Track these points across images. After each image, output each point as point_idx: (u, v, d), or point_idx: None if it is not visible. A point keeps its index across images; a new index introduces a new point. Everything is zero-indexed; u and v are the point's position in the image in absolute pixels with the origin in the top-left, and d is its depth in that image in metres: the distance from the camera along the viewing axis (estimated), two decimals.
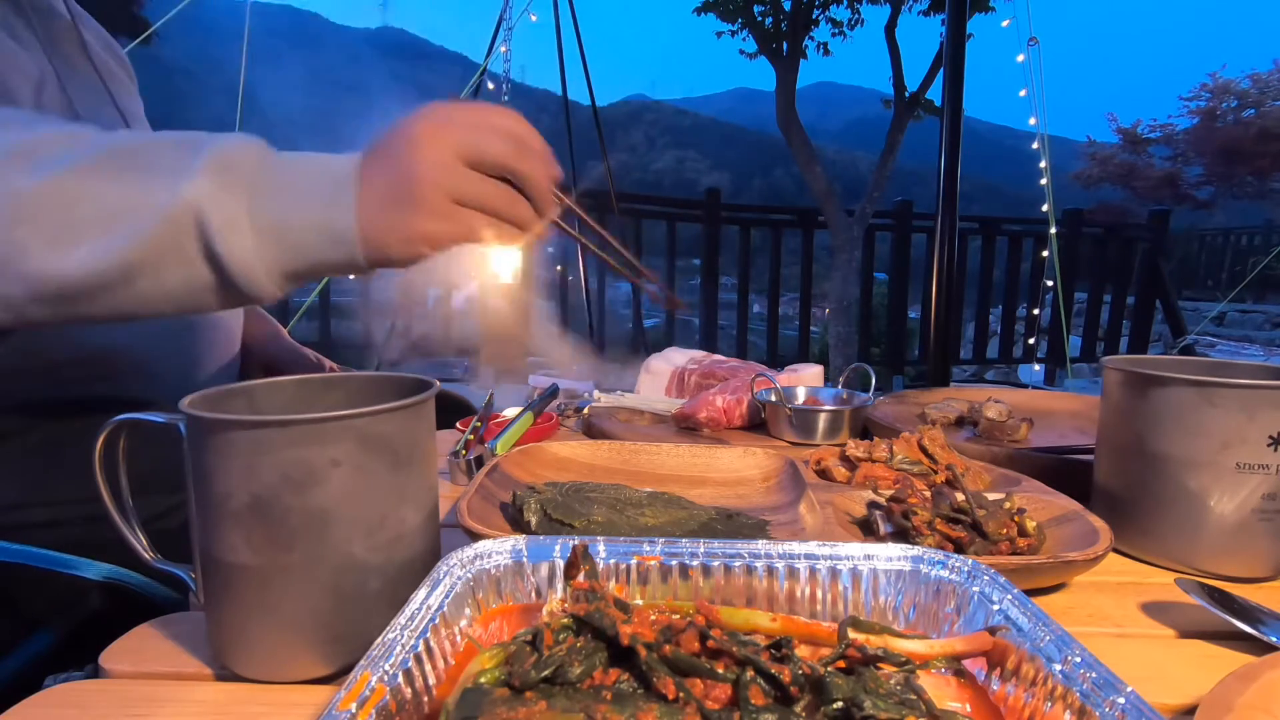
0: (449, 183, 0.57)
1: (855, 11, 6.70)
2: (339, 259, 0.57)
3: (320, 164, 0.58)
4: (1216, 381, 0.59)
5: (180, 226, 0.53)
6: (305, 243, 0.56)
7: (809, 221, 5.50)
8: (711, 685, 0.34)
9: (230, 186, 0.54)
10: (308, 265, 0.57)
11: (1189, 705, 0.43)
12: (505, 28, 3.46)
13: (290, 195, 0.56)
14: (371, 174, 0.57)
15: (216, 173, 0.54)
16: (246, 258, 0.54)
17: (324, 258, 0.57)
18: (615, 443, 0.83)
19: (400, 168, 0.56)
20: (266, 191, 0.55)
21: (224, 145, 0.55)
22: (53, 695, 0.42)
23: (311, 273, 0.58)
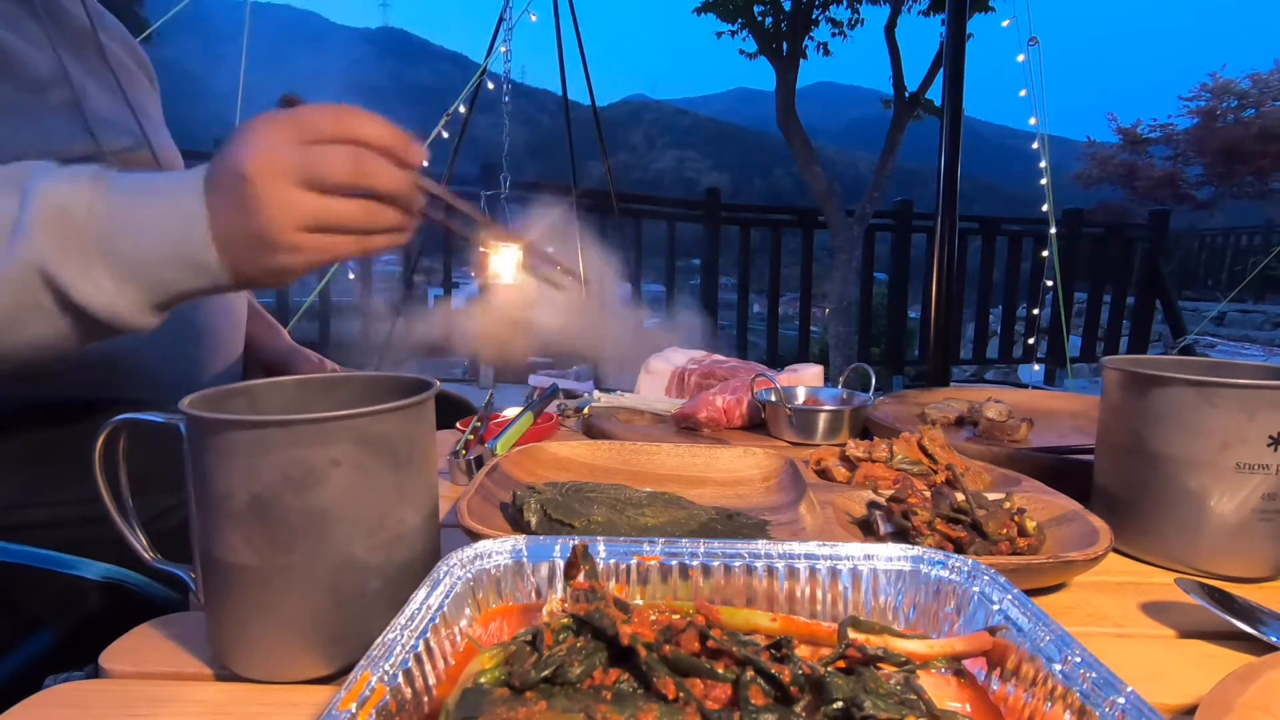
0: (293, 215, 0.55)
1: (855, 11, 6.70)
2: (205, 286, 0.57)
3: (164, 197, 0.56)
4: (1216, 381, 0.58)
5: (27, 287, 0.52)
6: (167, 277, 0.55)
7: (809, 221, 5.51)
8: (711, 685, 0.34)
9: (71, 235, 0.53)
10: (174, 295, 0.57)
11: (1189, 705, 0.43)
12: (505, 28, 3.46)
13: (141, 233, 0.54)
14: (218, 204, 0.55)
15: (51, 225, 0.52)
16: (108, 301, 0.54)
17: (189, 287, 0.56)
18: (615, 443, 0.83)
19: (242, 208, 0.54)
20: (113, 233, 0.54)
21: (52, 192, 0.53)
22: (53, 695, 0.42)
23: (180, 300, 0.57)
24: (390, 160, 0.57)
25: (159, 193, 0.56)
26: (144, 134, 0.83)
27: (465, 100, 3.54)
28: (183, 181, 0.56)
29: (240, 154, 0.54)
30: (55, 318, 0.54)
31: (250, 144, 0.54)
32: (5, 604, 0.65)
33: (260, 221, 0.54)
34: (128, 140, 0.80)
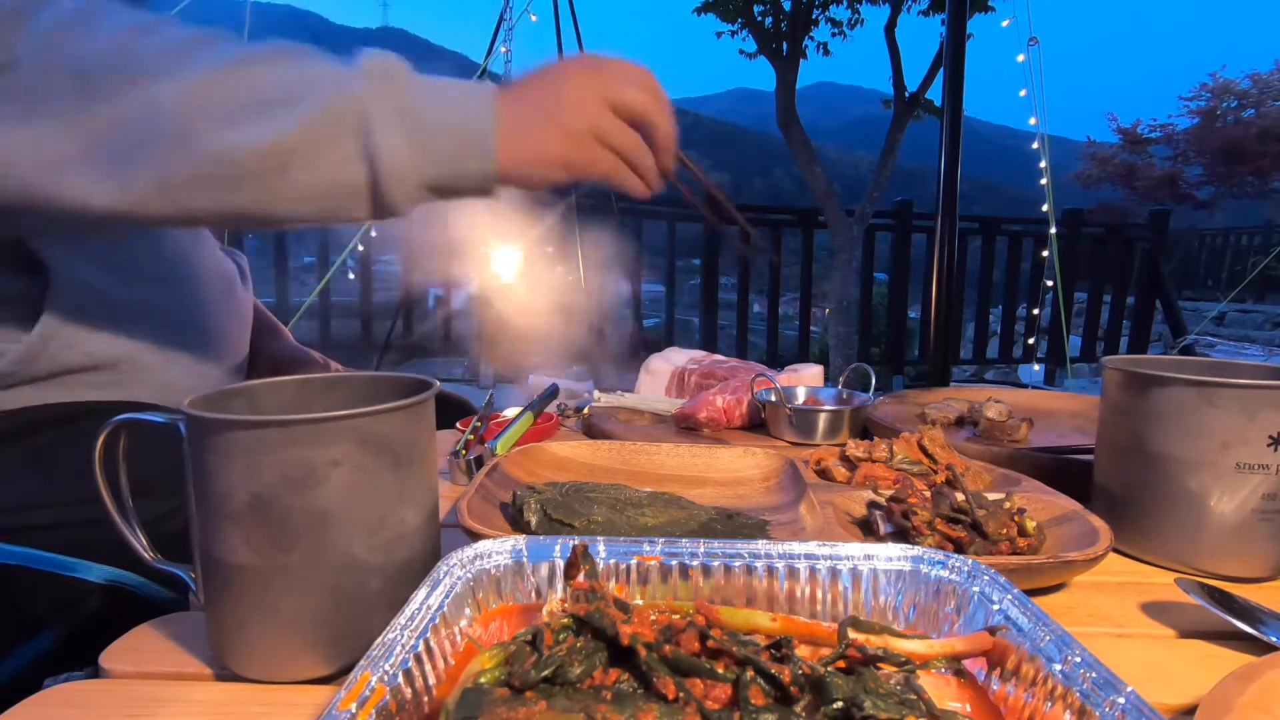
0: (593, 118, 0.63)
1: (855, 11, 6.69)
2: (476, 171, 0.61)
3: (462, 84, 0.62)
4: (1216, 381, 0.59)
5: (343, 117, 0.56)
6: (448, 151, 0.59)
7: (809, 221, 5.50)
8: (711, 685, 0.34)
9: (388, 87, 0.57)
10: (448, 175, 0.60)
11: (1189, 705, 0.43)
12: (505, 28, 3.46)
13: (437, 104, 0.59)
14: (519, 99, 0.62)
15: (376, 73, 0.57)
16: (398, 157, 0.57)
17: (463, 168, 0.60)
18: (615, 443, 0.83)
19: (548, 97, 0.63)
20: (416, 98, 0.58)
21: (378, 53, 0.59)
22: (53, 695, 0.42)
23: (449, 184, 0.61)
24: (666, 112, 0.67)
25: (456, 81, 0.62)
26: None
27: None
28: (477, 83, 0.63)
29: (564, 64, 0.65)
30: (347, 159, 0.57)
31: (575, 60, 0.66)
32: (6, 606, 0.65)
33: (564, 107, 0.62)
34: None
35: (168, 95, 0.53)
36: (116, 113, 0.53)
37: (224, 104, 0.54)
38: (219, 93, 0.54)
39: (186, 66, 0.54)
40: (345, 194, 0.58)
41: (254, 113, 0.54)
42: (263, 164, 0.54)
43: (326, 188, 0.57)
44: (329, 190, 0.57)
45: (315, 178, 0.56)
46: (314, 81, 0.56)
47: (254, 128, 0.54)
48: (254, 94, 0.55)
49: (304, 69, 0.57)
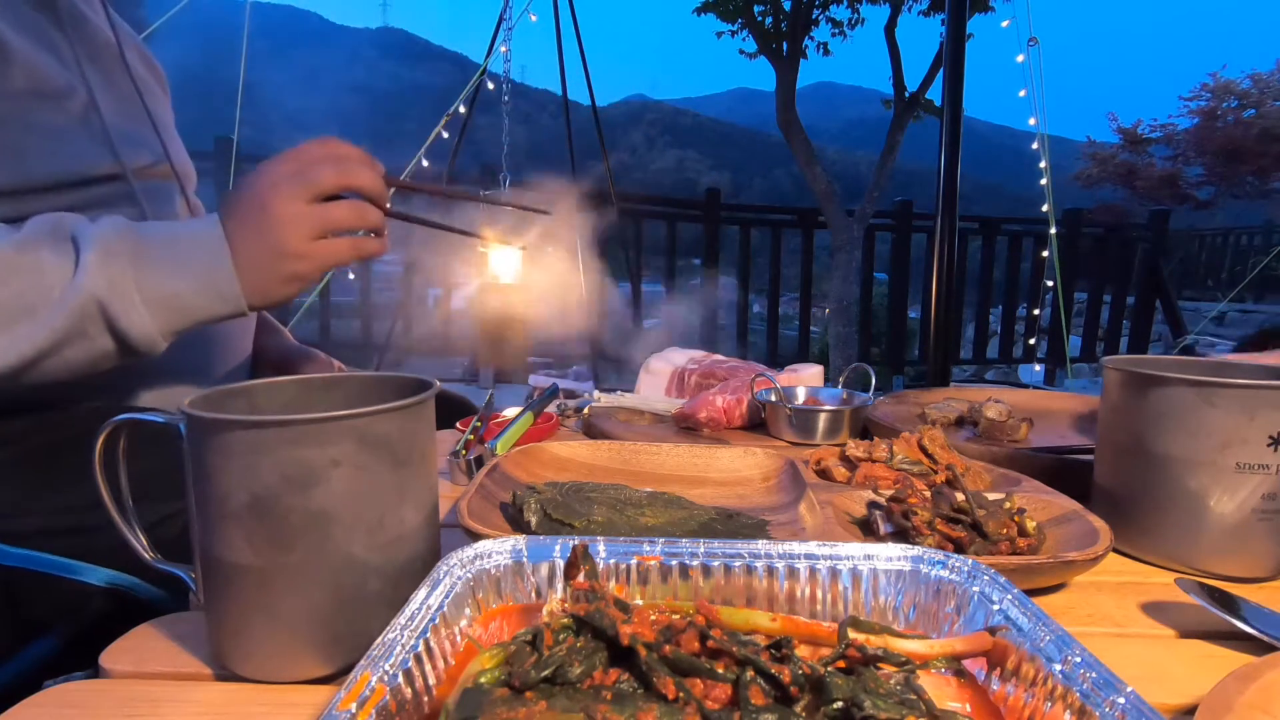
0: (303, 226, 0.65)
1: (855, 11, 6.70)
2: (225, 312, 0.66)
3: (189, 236, 0.66)
4: (1216, 381, 0.58)
5: (85, 315, 0.61)
6: (194, 306, 0.65)
7: (809, 221, 5.50)
8: (711, 685, 0.34)
9: (118, 271, 0.61)
10: (195, 322, 0.66)
11: (1189, 705, 0.43)
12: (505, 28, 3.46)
13: (173, 269, 0.64)
14: (238, 235, 0.65)
15: (103, 262, 0.61)
16: (144, 329, 0.63)
17: (211, 314, 0.66)
18: (615, 443, 0.83)
19: (260, 228, 0.65)
20: (149, 269, 0.63)
21: (100, 234, 0.62)
22: (53, 695, 0.42)
23: (197, 327, 0.66)
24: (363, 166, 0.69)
25: (185, 237, 0.66)
26: (164, 148, 0.83)
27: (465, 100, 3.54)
28: (203, 225, 0.66)
29: (253, 185, 0.66)
30: (95, 343, 0.63)
31: (259, 176, 0.66)
32: (9, 609, 0.65)
33: (276, 235, 0.65)
34: (149, 157, 0.81)
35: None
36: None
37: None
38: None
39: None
40: (98, 362, 0.64)
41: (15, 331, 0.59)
42: (17, 369, 0.60)
43: (81, 364, 0.63)
44: (84, 364, 0.63)
45: (67, 363, 0.62)
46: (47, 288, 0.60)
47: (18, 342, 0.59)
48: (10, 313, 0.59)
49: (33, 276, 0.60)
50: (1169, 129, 13.10)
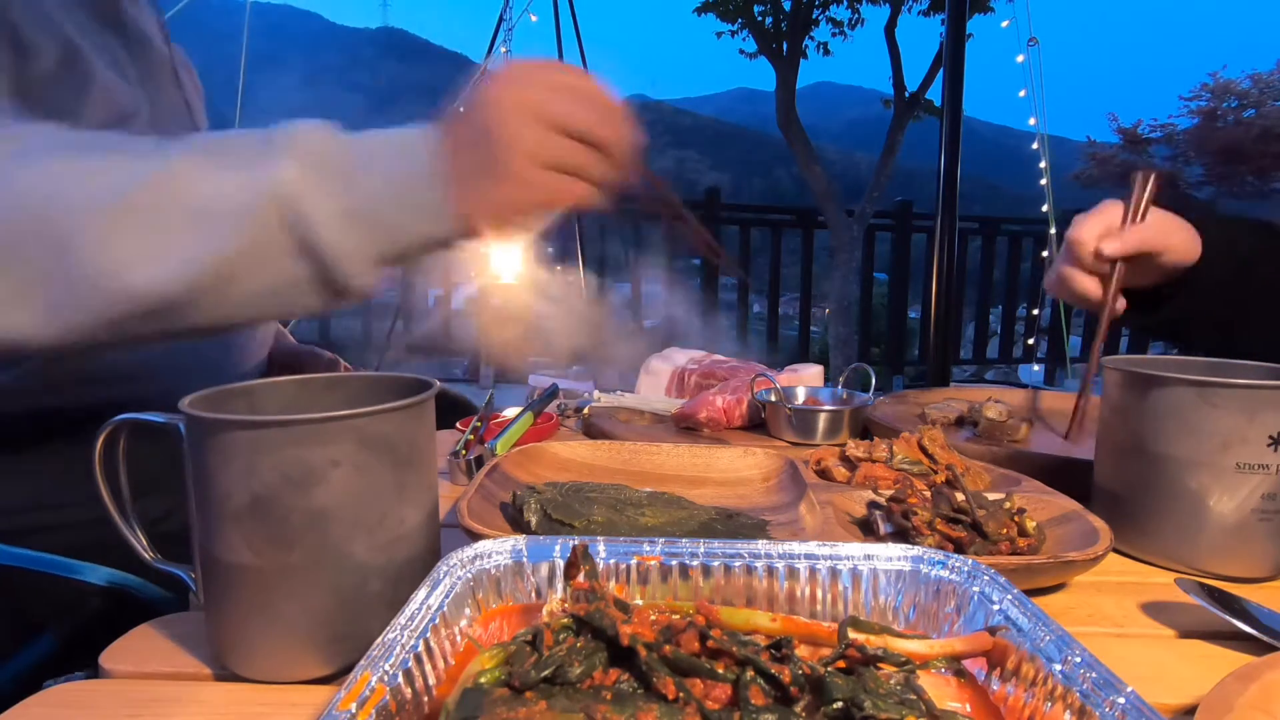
0: (535, 149, 0.57)
1: (855, 11, 6.70)
2: (431, 235, 0.56)
3: (400, 140, 0.56)
4: (1216, 381, 0.58)
5: (272, 219, 0.52)
6: (398, 221, 0.55)
7: (809, 221, 5.51)
8: (711, 685, 0.34)
9: (316, 172, 0.53)
10: (401, 245, 0.56)
11: (1189, 705, 0.43)
12: (505, 28, 3.46)
13: (376, 175, 0.54)
14: (456, 144, 0.56)
15: (300, 159, 0.53)
16: (342, 244, 0.53)
17: (417, 235, 0.56)
18: (615, 443, 0.83)
19: (486, 137, 0.56)
20: (352, 174, 0.54)
21: (302, 131, 0.54)
22: (53, 695, 0.42)
23: (405, 253, 0.57)
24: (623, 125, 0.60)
25: (393, 137, 0.57)
26: None
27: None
28: (411, 130, 0.57)
29: (493, 88, 0.57)
30: (288, 259, 0.53)
31: (504, 80, 0.57)
32: (10, 608, 0.65)
33: (503, 147, 0.56)
34: None
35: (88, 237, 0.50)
36: (43, 259, 0.51)
37: (147, 237, 0.51)
38: (139, 224, 0.51)
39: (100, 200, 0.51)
40: (292, 292, 0.55)
41: (179, 241, 0.51)
42: (198, 289, 0.52)
43: (271, 291, 0.54)
44: (274, 292, 0.55)
45: (257, 285, 0.54)
46: (234, 184, 0.52)
47: (181, 256, 0.51)
48: (176, 218, 0.51)
49: (220, 171, 0.53)
50: (1169, 129, 13.09)
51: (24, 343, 0.53)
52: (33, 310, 0.52)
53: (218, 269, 0.52)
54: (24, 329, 0.52)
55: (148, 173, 0.52)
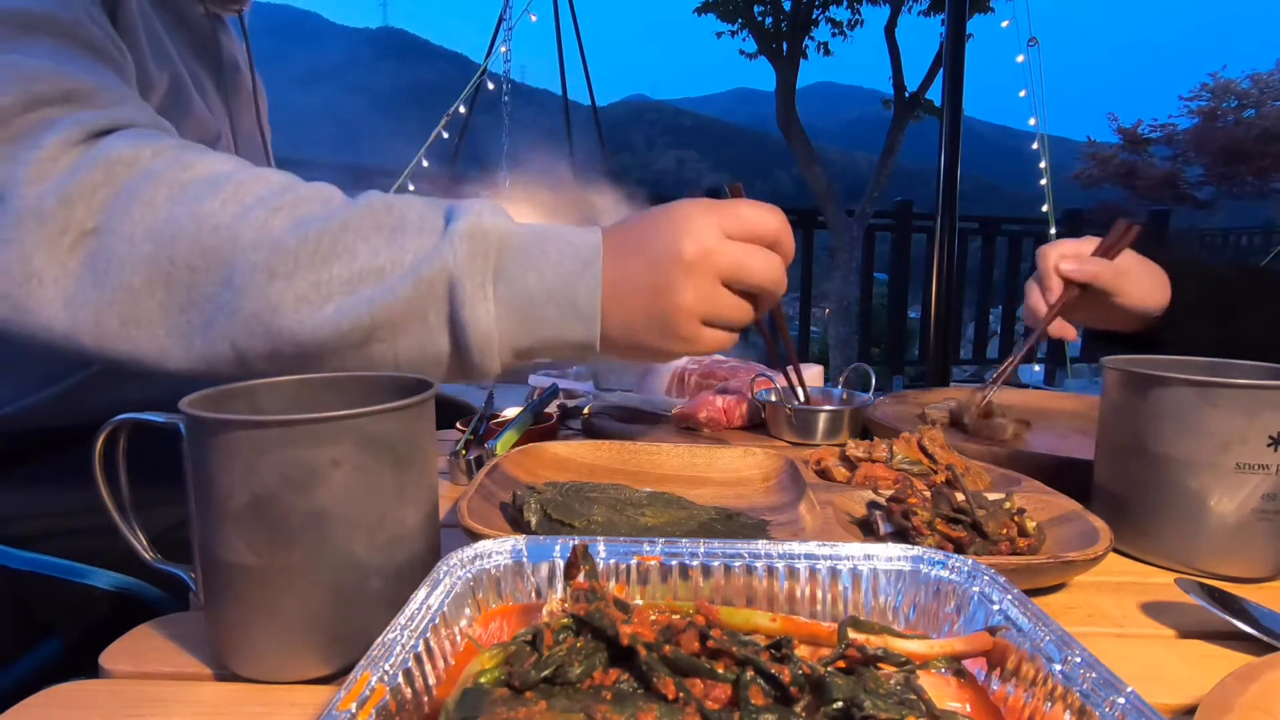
0: (698, 306, 0.56)
1: (855, 11, 6.71)
2: (574, 338, 0.56)
3: (564, 237, 0.56)
4: (1216, 381, 0.59)
5: (431, 291, 0.53)
6: (544, 316, 0.55)
7: (809, 221, 5.50)
8: (711, 685, 0.34)
9: (480, 254, 0.53)
10: (541, 341, 0.56)
11: (1189, 705, 0.43)
12: (505, 28, 3.46)
13: (536, 266, 0.54)
14: (623, 268, 0.55)
15: (470, 239, 0.53)
16: (487, 328, 0.54)
17: (559, 334, 0.55)
18: (615, 443, 0.83)
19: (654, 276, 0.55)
20: (512, 261, 0.54)
21: (474, 210, 0.55)
22: (52, 695, 0.42)
23: (541, 350, 0.57)
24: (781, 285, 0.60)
25: (558, 232, 0.57)
26: None
27: (465, 100, 3.54)
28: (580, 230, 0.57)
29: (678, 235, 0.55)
30: (432, 332, 0.54)
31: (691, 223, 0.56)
32: (18, 611, 0.65)
33: (665, 300, 0.56)
34: None
35: (250, 275, 0.51)
36: (196, 285, 0.52)
37: (308, 281, 0.52)
38: (303, 269, 0.52)
39: (269, 240, 0.52)
40: (426, 363, 0.55)
41: (338, 291, 0.52)
42: (343, 341, 0.53)
43: (409, 358, 0.55)
44: (412, 360, 0.55)
45: (396, 351, 0.54)
46: (403, 251, 0.53)
47: (337, 306, 0.52)
48: (339, 269, 0.52)
49: (394, 234, 0.53)
50: (1169, 129, 13.09)
51: (160, 363, 0.54)
52: (182, 334, 0.53)
53: (370, 327, 0.53)
54: (167, 350, 0.53)
55: (325, 221, 0.53)
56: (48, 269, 0.51)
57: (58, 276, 0.51)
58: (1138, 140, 13.19)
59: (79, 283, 0.52)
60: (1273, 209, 13.01)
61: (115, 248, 0.51)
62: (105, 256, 0.51)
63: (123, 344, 0.53)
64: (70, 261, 0.51)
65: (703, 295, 0.56)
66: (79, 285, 0.52)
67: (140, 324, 0.52)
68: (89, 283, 0.52)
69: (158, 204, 0.52)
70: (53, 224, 0.50)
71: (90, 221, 0.51)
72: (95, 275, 0.52)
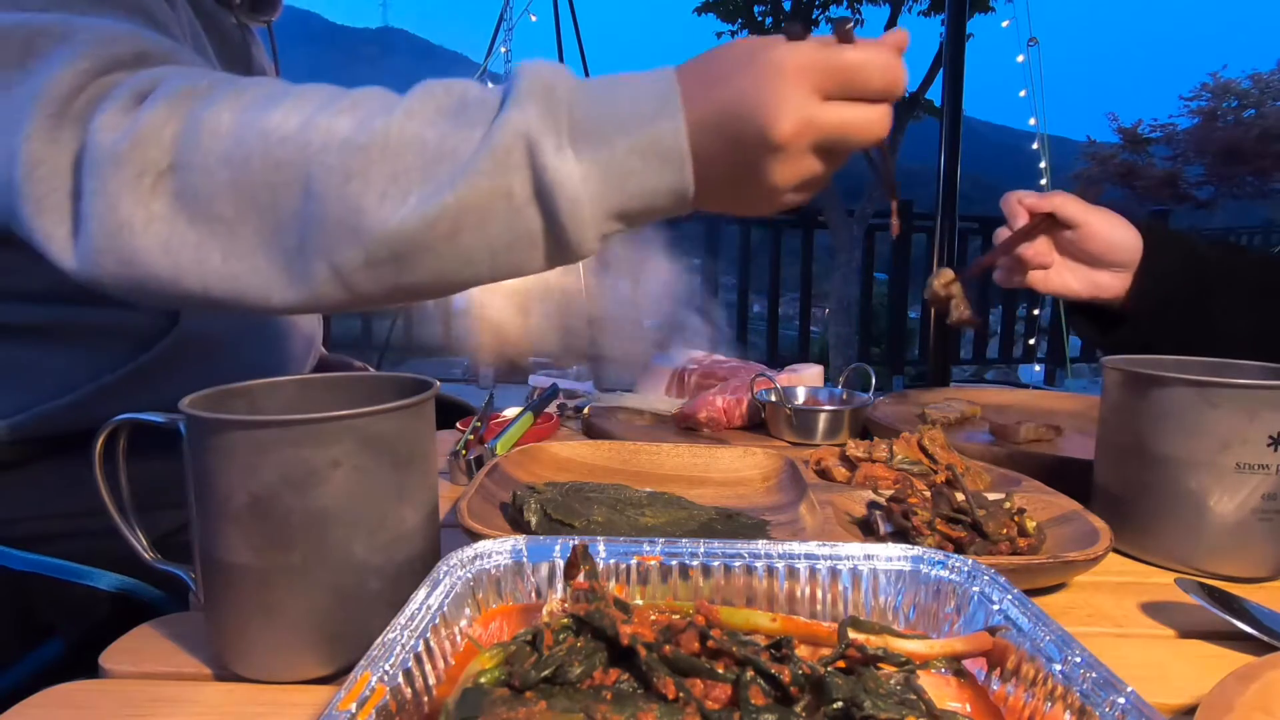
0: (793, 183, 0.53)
1: (855, 11, 6.70)
2: (666, 186, 0.51)
3: (635, 81, 0.52)
4: (1216, 381, 0.58)
5: (510, 160, 0.49)
6: (631, 168, 0.50)
7: (809, 221, 5.50)
8: (711, 685, 0.34)
9: (551, 111, 0.50)
10: (633, 198, 0.51)
11: (1189, 705, 0.43)
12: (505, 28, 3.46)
13: (611, 114, 0.50)
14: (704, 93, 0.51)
15: (537, 98, 0.50)
16: (574, 190, 0.50)
17: (650, 185, 0.51)
18: (615, 443, 0.83)
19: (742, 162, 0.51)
20: (585, 114, 0.50)
21: (533, 70, 0.51)
22: (53, 695, 0.42)
23: (636, 210, 0.52)
24: None
25: (628, 77, 0.53)
26: None
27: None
28: (652, 74, 0.53)
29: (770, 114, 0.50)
30: (519, 209, 0.51)
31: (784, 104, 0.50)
32: (20, 612, 0.65)
33: (759, 183, 0.52)
34: None
35: (326, 180, 0.50)
36: (279, 203, 0.51)
37: (384, 176, 0.50)
38: (377, 165, 0.50)
39: (337, 142, 0.51)
40: (521, 246, 0.52)
41: (416, 181, 0.50)
42: (432, 234, 0.50)
43: (501, 248, 0.52)
44: (503, 245, 0.52)
45: (488, 239, 0.51)
46: (471, 127, 0.50)
47: (418, 197, 0.50)
48: (411, 158, 0.50)
49: (457, 114, 0.51)
50: (1169, 129, 13.08)
51: (266, 299, 0.53)
52: (279, 261, 0.52)
53: (457, 212, 0.50)
54: (271, 282, 0.52)
55: (388, 114, 0.52)
56: (136, 215, 0.50)
57: (147, 221, 0.51)
58: (1138, 140, 13.18)
59: (171, 225, 0.51)
60: (1273, 209, 13.01)
61: (196, 181, 0.51)
62: (190, 193, 0.51)
63: (227, 282, 0.52)
64: (155, 204, 0.51)
65: (792, 171, 0.52)
66: (172, 228, 0.51)
67: (241, 256, 0.52)
68: (183, 222, 0.51)
69: (223, 129, 0.51)
70: (130, 167, 0.50)
71: (165, 160, 0.51)
72: (187, 213, 0.51)
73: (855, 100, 0.52)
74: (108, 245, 0.51)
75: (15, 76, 0.52)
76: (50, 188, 0.51)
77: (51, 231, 0.51)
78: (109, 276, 0.52)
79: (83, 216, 0.51)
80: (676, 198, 0.52)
